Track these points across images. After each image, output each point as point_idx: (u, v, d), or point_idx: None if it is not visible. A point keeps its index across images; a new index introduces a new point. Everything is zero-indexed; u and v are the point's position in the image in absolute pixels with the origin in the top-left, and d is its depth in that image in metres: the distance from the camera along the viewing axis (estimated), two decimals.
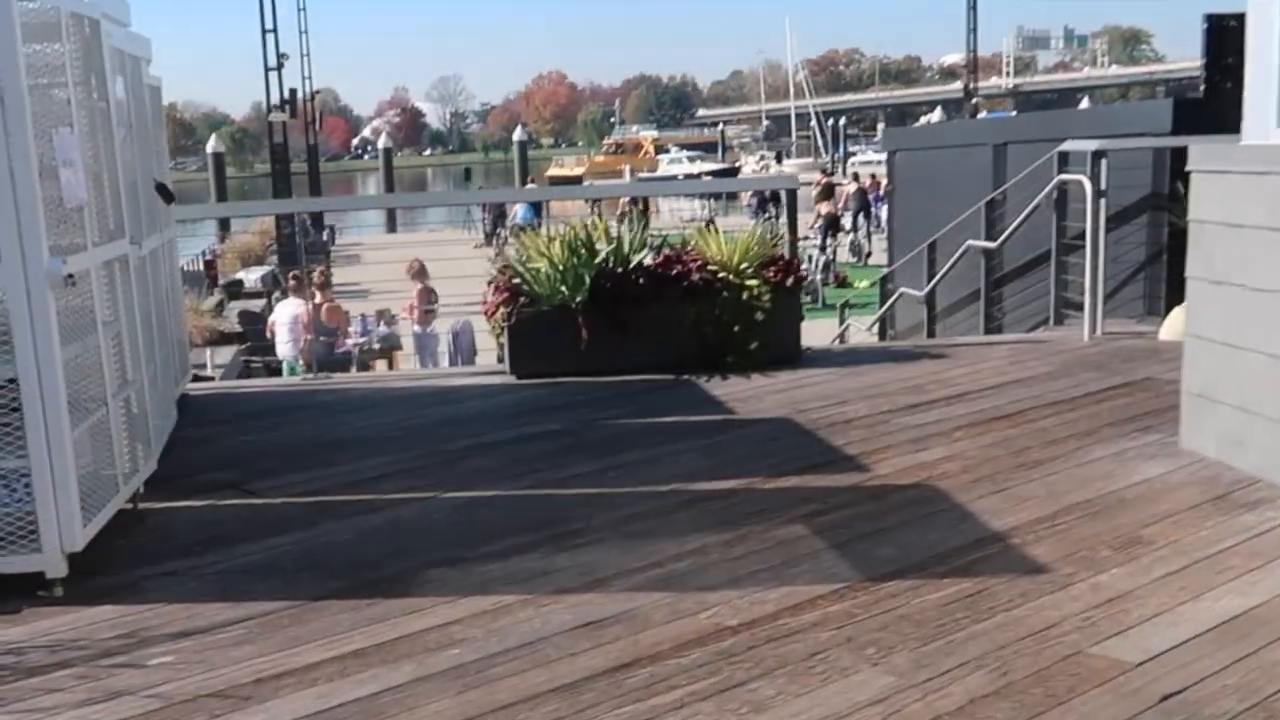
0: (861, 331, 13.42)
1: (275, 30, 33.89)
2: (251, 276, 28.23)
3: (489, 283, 8.04)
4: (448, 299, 14.85)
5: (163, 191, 6.32)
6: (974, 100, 59.75)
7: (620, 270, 7.77)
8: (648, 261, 7.88)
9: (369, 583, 4.36)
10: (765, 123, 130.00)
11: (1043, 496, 5.06)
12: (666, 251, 8.09)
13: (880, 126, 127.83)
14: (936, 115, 61.89)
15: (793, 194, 8.91)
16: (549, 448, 6.14)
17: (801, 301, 8.24)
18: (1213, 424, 5.54)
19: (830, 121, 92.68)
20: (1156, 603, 3.92)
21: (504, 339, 7.86)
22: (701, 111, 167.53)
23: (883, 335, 13.44)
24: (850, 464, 5.67)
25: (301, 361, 13.35)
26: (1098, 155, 8.80)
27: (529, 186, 40.70)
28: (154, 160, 6.33)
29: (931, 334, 11.93)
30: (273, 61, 33.28)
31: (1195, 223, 5.65)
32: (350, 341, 13.56)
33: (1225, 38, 15.15)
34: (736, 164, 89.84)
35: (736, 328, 7.86)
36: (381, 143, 60.33)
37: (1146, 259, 9.53)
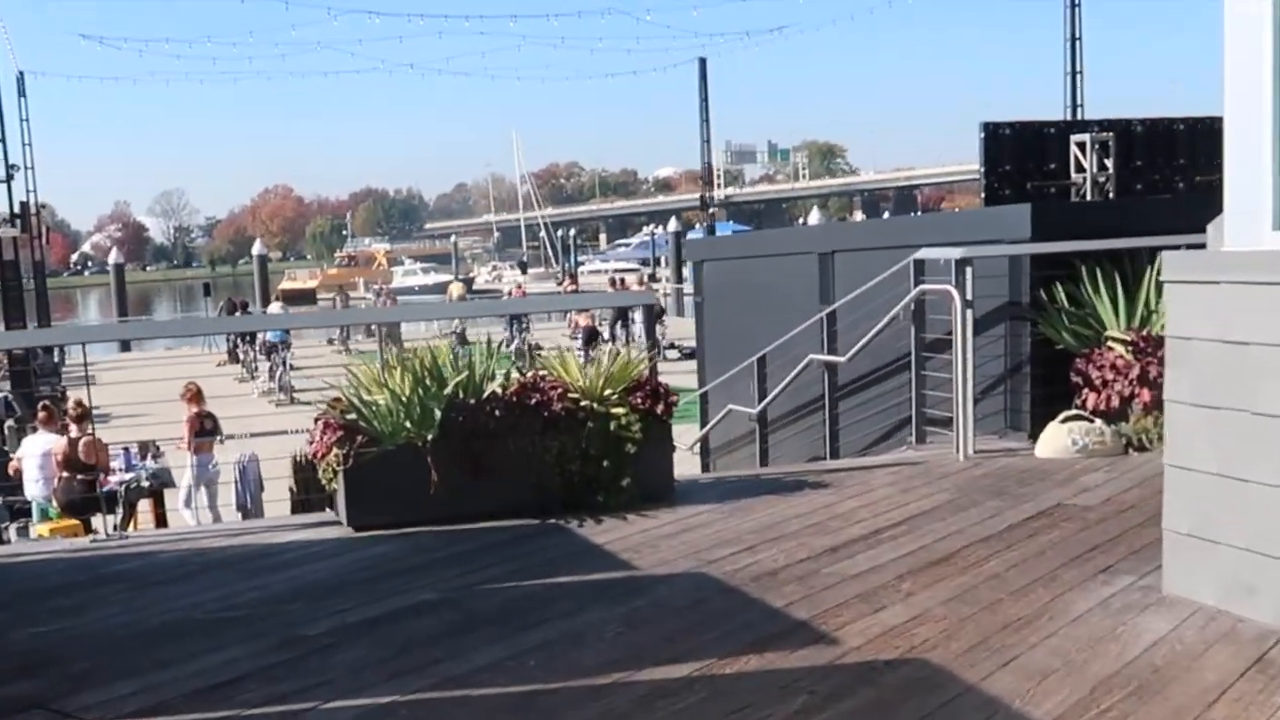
0: (683, 449, 12.52)
1: (4, 140, 31.74)
2: None
3: (316, 419, 6.86)
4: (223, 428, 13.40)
5: None
6: (711, 210, 60.77)
7: (473, 401, 6.73)
8: (501, 390, 6.87)
9: None
10: (496, 234, 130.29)
11: (1061, 669, 4.24)
12: (518, 379, 7.10)
13: (603, 236, 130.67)
14: (672, 225, 62.71)
15: (650, 309, 8.01)
16: (436, 627, 4.96)
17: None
18: (1211, 567, 4.85)
19: (559, 232, 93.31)
20: None
21: (337, 484, 6.67)
22: (430, 224, 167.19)
23: (705, 454, 12.62)
24: (809, 633, 4.74)
25: (55, 502, 11.75)
26: (962, 263, 8.27)
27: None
28: None
29: (764, 453, 11.17)
30: (1, 174, 31.07)
31: (1177, 339, 4.96)
32: (115, 479, 11.92)
33: (1000, 145, 15.42)
34: (471, 274, 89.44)
35: (606, 462, 6.91)
36: (113, 258, 56.67)
37: (1007, 371, 9.01)
